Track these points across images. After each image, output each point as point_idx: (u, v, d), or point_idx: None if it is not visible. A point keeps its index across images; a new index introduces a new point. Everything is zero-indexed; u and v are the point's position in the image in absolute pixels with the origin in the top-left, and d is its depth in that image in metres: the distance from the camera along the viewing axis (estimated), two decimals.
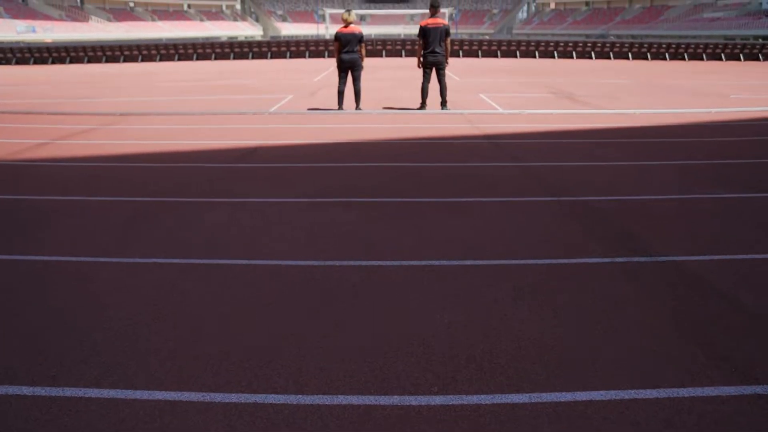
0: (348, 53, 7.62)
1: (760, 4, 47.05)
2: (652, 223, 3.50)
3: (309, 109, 8.47)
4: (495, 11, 76.08)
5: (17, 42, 34.40)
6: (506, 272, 2.79)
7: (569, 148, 5.84)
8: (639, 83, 12.80)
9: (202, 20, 68.36)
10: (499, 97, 9.88)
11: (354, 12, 7.61)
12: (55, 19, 51.46)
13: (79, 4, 57.97)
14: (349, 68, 7.75)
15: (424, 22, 7.61)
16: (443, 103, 8.04)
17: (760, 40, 28.12)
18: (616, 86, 12.05)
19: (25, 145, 6.15)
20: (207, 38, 53.88)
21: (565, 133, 6.67)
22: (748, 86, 12.31)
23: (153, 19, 63.26)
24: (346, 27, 7.59)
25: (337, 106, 8.15)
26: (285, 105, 9.12)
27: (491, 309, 2.41)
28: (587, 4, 68.18)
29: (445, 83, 7.93)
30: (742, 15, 47.68)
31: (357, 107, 8.10)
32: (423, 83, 7.97)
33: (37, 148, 5.94)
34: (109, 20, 57.61)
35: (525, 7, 77.49)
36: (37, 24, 47.87)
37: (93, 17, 56.09)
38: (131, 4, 64.02)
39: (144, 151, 5.80)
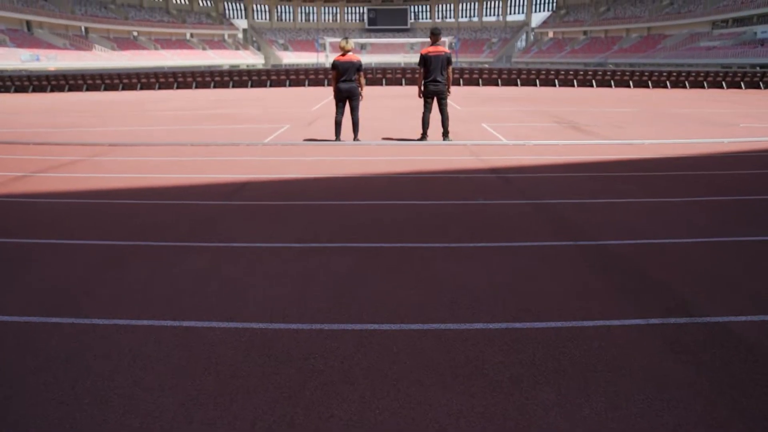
0: (345, 82, 7.34)
1: (755, 33, 47.72)
2: (685, 272, 3.10)
3: (305, 140, 8.16)
4: (494, 40, 77.18)
5: (20, 70, 34.65)
6: (524, 338, 2.37)
7: (581, 182, 5.48)
8: (644, 111, 12.56)
9: (204, 49, 69.31)
10: (502, 127, 9.59)
11: (352, 40, 7.36)
12: (60, 48, 52.10)
13: (83, 34, 58.85)
14: (346, 98, 7.45)
15: (424, 50, 7.35)
16: (445, 134, 7.73)
17: (758, 68, 28.20)
18: (621, 115, 11.80)
19: (2, 178, 5.80)
20: (209, 66, 54.47)
21: (575, 166, 6.32)
22: (755, 115, 12.06)
23: (156, 48, 64.12)
24: (343, 55, 7.33)
25: (334, 137, 7.83)
26: (281, 135, 8.82)
27: (509, 392, 1.99)
28: (585, 33, 69.17)
29: (447, 113, 7.63)
30: (737, 44, 48.28)
31: (355, 138, 7.78)
32: (424, 113, 7.67)
33: (14, 182, 5.59)
34: (112, 49, 58.37)
35: (523, 36, 78.66)
36: (42, 53, 48.40)
37: (97, 46, 56.83)
38: (135, 33, 64.98)
39: (128, 186, 5.45)
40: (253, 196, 4.96)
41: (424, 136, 7.83)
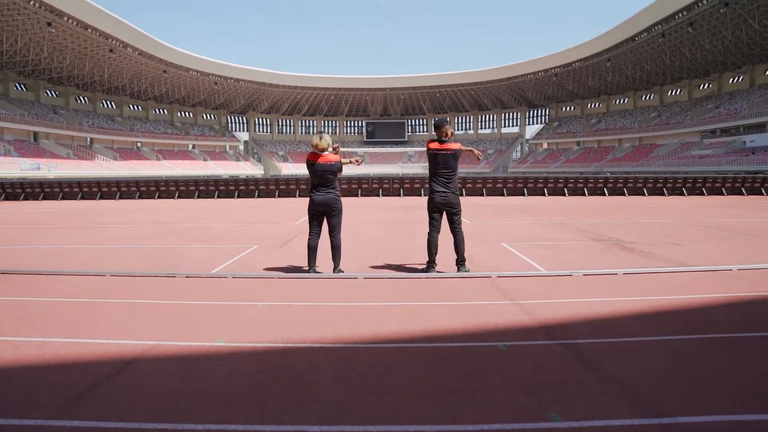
0: (320, 192, 5.33)
1: (744, 142, 48.43)
2: None
3: (267, 270, 5.97)
4: (490, 151, 78.91)
5: (14, 178, 33.68)
6: None
7: (704, 353, 3.22)
8: (684, 222, 10.61)
9: (205, 160, 70.33)
10: (528, 248, 7.50)
11: (327, 136, 5.42)
12: (62, 158, 52.32)
13: (88, 144, 59.68)
14: (322, 213, 5.42)
15: (430, 143, 5.53)
16: (460, 263, 5.58)
17: (760, 174, 27.31)
18: (663, 227, 9.82)
19: None
20: (209, 176, 54.41)
21: (668, 317, 4.09)
22: None
23: (158, 158, 64.87)
24: (318, 156, 5.40)
25: (306, 266, 5.66)
26: (241, 260, 6.68)
27: None
28: (578, 143, 70.68)
29: (461, 235, 5.57)
30: (729, 152, 48.82)
31: (335, 269, 5.55)
32: (430, 234, 5.58)
33: None
34: (114, 158, 58.87)
35: (518, 147, 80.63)
36: (43, 162, 48.36)
37: (99, 156, 57.29)
38: (138, 144, 66.13)
39: None
40: (115, 402, 2.64)
41: (430, 265, 5.64)
